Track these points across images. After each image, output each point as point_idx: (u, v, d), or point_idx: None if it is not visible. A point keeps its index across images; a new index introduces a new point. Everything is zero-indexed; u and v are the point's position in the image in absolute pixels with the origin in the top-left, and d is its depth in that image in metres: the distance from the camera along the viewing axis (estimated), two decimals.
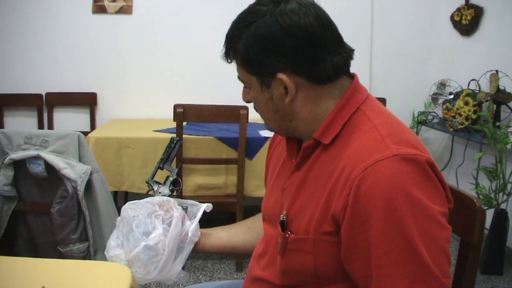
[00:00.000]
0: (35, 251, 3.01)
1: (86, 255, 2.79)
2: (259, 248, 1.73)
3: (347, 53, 1.47)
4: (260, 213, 1.93)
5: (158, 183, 1.90)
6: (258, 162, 4.08)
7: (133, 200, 1.80)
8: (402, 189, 1.26)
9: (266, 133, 4.21)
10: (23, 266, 1.72)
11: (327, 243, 1.40)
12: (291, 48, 1.40)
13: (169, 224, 1.73)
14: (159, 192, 1.88)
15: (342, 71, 1.47)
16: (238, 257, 4.19)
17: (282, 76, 1.42)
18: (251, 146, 4.09)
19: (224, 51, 1.52)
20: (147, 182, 1.91)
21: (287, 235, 1.49)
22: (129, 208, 1.76)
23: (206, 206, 1.89)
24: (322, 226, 1.39)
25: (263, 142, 4.13)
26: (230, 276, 4.11)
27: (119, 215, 1.80)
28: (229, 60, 1.52)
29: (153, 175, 1.94)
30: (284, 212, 1.52)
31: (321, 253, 1.42)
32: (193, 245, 1.80)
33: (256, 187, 4.16)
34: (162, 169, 1.94)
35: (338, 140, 1.44)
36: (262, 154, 4.09)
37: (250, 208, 3.88)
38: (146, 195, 1.91)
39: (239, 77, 1.55)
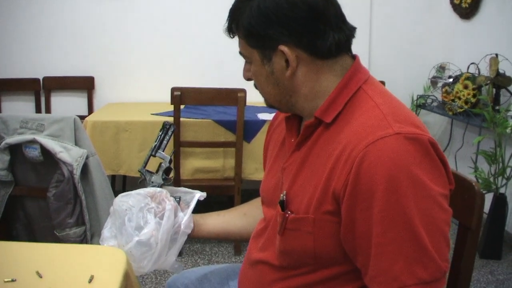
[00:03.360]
0: (32, 236, 3.00)
1: (83, 239, 2.78)
2: (258, 228, 1.73)
3: (350, 30, 1.46)
4: (257, 199, 1.94)
5: (150, 172, 1.87)
6: (256, 145, 4.06)
7: (131, 182, 1.79)
8: (404, 168, 1.26)
9: (265, 116, 4.21)
10: (18, 250, 1.71)
11: (327, 223, 1.39)
12: (294, 20, 1.39)
13: (162, 218, 1.72)
14: (152, 182, 1.86)
15: (344, 48, 1.46)
16: (236, 241, 4.15)
17: (283, 48, 1.41)
18: (249, 129, 4.07)
19: (226, 25, 1.51)
20: (139, 171, 1.88)
21: (287, 215, 1.47)
22: (121, 201, 1.75)
23: (200, 195, 1.87)
24: (322, 205, 1.38)
25: (261, 125, 4.11)
26: (228, 259, 4.11)
27: None
28: (231, 35, 1.52)
29: (145, 163, 1.90)
30: (284, 191, 1.51)
31: (321, 233, 1.41)
32: (186, 236, 1.79)
33: (254, 170, 4.14)
34: (154, 156, 1.91)
35: (340, 118, 1.43)
36: (260, 137, 4.08)
37: (248, 191, 3.88)
38: (140, 184, 1.89)
39: (240, 52, 1.53)
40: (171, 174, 1.89)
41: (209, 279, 2.00)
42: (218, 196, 4.61)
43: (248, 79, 1.57)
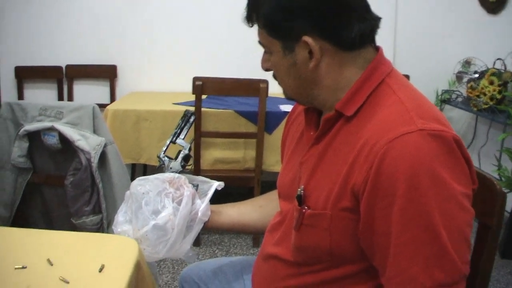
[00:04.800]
0: (50, 223, 3.00)
1: (99, 228, 2.77)
2: (274, 221, 1.70)
3: (374, 20, 1.41)
4: (273, 192, 1.91)
5: (169, 158, 1.85)
6: (278, 136, 3.94)
7: (151, 171, 1.76)
8: (426, 166, 1.22)
9: (286, 108, 4.16)
10: (30, 237, 1.70)
11: (344, 220, 1.36)
12: (318, 10, 1.35)
13: (179, 203, 1.69)
14: (170, 168, 1.84)
15: (368, 39, 1.42)
16: (251, 233, 4.16)
17: (308, 39, 1.36)
18: (270, 121, 4.04)
19: (246, 14, 1.47)
20: (158, 157, 1.86)
21: (303, 210, 1.43)
22: (138, 184, 1.73)
23: (217, 185, 1.85)
24: (340, 201, 1.35)
25: (283, 117, 4.05)
26: (246, 251, 4.10)
27: None
28: (250, 24, 1.47)
29: (165, 149, 1.88)
30: (302, 186, 1.47)
31: (338, 230, 1.37)
32: (202, 224, 1.76)
33: (274, 162, 4.11)
34: (174, 143, 1.89)
35: (361, 112, 1.39)
36: (281, 128, 3.87)
37: (268, 183, 3.84)
38: (159, 169, 1.87)
39: (260, 42, 1.49)
40: (190, 162, 1.86)
41: (223, 271, 1.98)
42: (238, 188, 4.59)
43: (267, 69, 1.53)
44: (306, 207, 1.44)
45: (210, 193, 1.81)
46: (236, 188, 4.69)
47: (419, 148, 1.23)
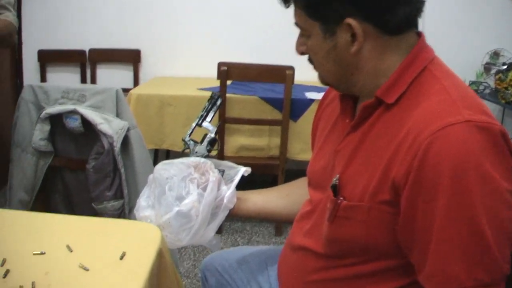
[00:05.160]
0: (70, 208, 2.99)
1: (121, 213, 2.74)
2: (303, 210, 1.63)
3: (419, 3, 1.34)
4: (300, 179, 1.85)
5: (195, 142, 1.80)
6: (303, 124, 3.95)
7: (174, 157, 1.71)
8: (472, 159, 1.15)
9: (312, 95, 4.08)
10: (49, 222, 1.67)
11: (382, 213, 1.29)
12: None
13: (204, 189, 1.63)
14: (196, 152, 1.78)
15: (412, 23, 1.35)
16: (277, 221, 4.05)
17: (351, 21, 1.28)
18: (296, 108, 3.96)
19: None
20: (183, 140, 1.80)
21: (339, 201, 1.36)
22: (162, 168, 1.67)
23: (244, 170, 1.79)
24: (379, 194, 1.28)
25: (309, 104, 3.99)
26: (268, 240, 4.05)
27: None
28: (286, 5, 1.39)
29: (190, 133, 1.82)
30: (337, 175, 1.40)
31: (375, 224, 1.31)
32: (227, 212, 1.71)
33: (299, 150, 4.04)
34: (200, 126, 1.83)
35: (403, 100, 1.31)
36: (307, 116, 3.96)
37: (293, 171, 3.78)
38: (183, 154, 1.82)
39: (296, 24, 1.41)
40: (216, 146, 1.80)
41: (247, 261, 1.92)
42: (262, 176, 4.54)
43: (302, 53, 1.45)
44: (341, 198, 1.37)
45: (237, 179, 1.75)
46: (260, 176, 4.64)
47: (465, 140, 1.16)
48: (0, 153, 3.27)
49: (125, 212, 2.73)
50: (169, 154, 4.80)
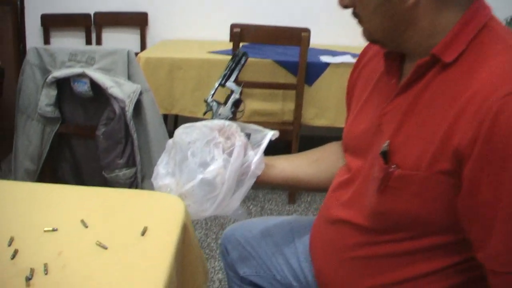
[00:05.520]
0: (79, 177, 2.93)
1: (133, 182, 2.67)
2: (340, 179, 1.51)
3: None
4: (330, 144, 1.76)
5: (218, 103, 1.66)
6: (318, 89, 3.85)
7: (183, 123, 1.57)
8: None
9: (328, 59, 3.95)
10: (61, 194, 1.52)
11: (440, 184, 1.16)
12: None
13: (230, 154, 1.51)
14: (219, 114, 1.65)
15: None
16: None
17: None
18: (310, 72, 3.82)
19: None
20: (205, 101, 1.67)
21: (391, 170, 1.24)
22: (183, 132, 1.54)
23: (272, 134, 1.65)
24: (437, 162, 1.15)
25: (324, 68, 3.86)
26: (282, 208, 3.94)
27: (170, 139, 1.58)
28: None
29: (213, 93, 1.69)
30: (387, 141, 1.27)
31: (430, 195, 1.18)
32: (254, 179, 1.58)
33: (314, 116, 3.93)
34: (223, 86, 1.70)
35: (462, 59, 1.17)
36: (321, 81, 3.85)
37: (307, 137, 3.70)
38: (199, 119, 1.70)
39: None
40: (241, 107, 1.68)
41: (271, 233, 1.82)
42: (274, 142, 4.42)
43: (346, 6, 1.31)
44: (393, 166, 1.24)
45: (264, 144, 1.62)
46: (272, 141, 4.54)
47: None
48: (4, 120, 3.23)
49: (137, 180, 2.66)
50: (177, 120, 4.73)
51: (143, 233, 1.30)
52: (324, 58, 3.99)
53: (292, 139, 3.86)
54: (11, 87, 3.11)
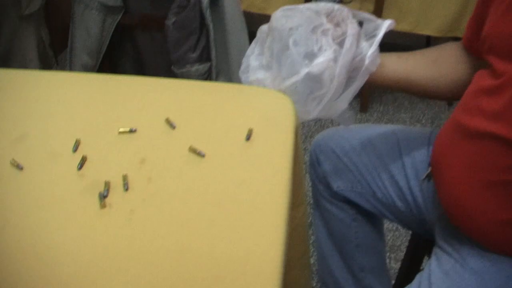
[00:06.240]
0: (143, 74, 2.72)
1: (206, 79, 2.46)
2: (483, 84, 1.26)
3: None
4: (449, 44, 1.50)
5: None
6: None
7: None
8: None
9: None
10: (139, 87, 1.27)
11: None
12: None
13: (340, 45, 1.24)
14: None
15: None
16: (364, 95, 3.72)
17: None
18: None
19: None
20: None
21: None
22: (283, 16, 1.27)
23: (388, 24, 1.36)
24: None
25: None
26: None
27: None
28: None
29: None
30: None
31: None
32: (367, 76, 1.31)
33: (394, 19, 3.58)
34: None
35: None
36: None
37: (386, 44, 3.41)
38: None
39: None
40: None
41: (373, 144, 1.60)
42: None
43: None
44: None
45: (381, 34, 1.33)
46: None
47: None
48: (58, 11, 3.01)
49: (212, 77, 2.45)
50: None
51: (248, 137, 1.05)
52: None
53: None
54: None
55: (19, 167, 0.97)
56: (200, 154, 0.98)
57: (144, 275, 0.79)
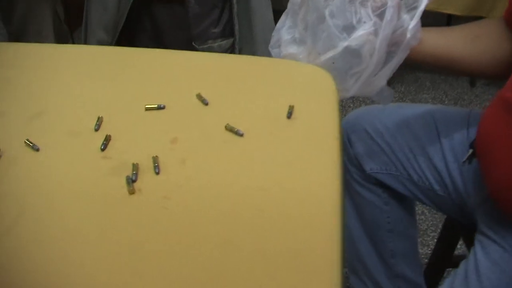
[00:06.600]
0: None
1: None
2: None
3: None
4: (489, 20, 1.43)
5: None
6: None
7: None
8: None
9: None
10: (166, 60, 1.17)
11: None
12: None
13: (380, 17, 1.16)
14: None
15: None
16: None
17: None
18: None
19: None
20: None
21: None
22: None
23: None
24: None
25: None
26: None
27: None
28: None
29: None
30: None
31: None
32: (408, 51, 1.23)
33: None
34: None
35: None
36: None
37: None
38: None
39: None
40: None
41: (409, 124, 1.53)
42: None
43: None
44: None
45: (422, 6, 1.24)
46: None
47: None
48: None
49: (234, 53, 2.38)
50: None
51: (289, 115, 0.96)
52: None
53: None
54: None
55: (34, 148, 0.89)
56: (238, 133, 0.90)
57: (181, 273, 0.71)
